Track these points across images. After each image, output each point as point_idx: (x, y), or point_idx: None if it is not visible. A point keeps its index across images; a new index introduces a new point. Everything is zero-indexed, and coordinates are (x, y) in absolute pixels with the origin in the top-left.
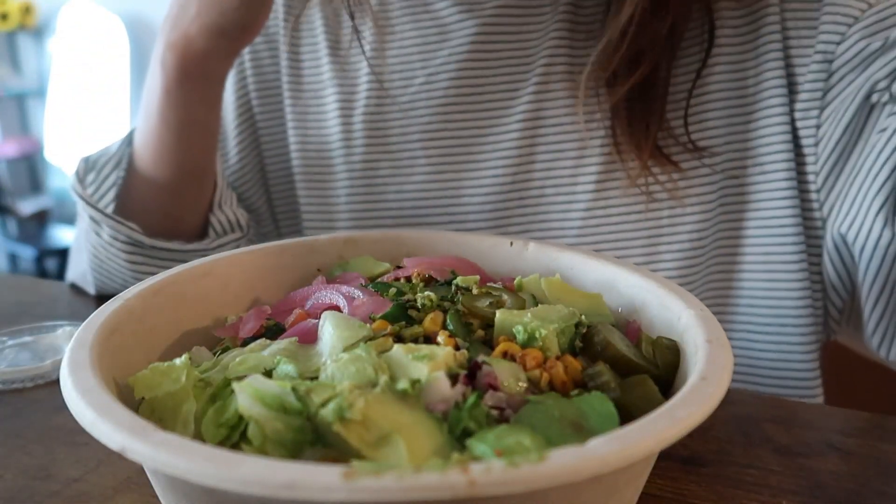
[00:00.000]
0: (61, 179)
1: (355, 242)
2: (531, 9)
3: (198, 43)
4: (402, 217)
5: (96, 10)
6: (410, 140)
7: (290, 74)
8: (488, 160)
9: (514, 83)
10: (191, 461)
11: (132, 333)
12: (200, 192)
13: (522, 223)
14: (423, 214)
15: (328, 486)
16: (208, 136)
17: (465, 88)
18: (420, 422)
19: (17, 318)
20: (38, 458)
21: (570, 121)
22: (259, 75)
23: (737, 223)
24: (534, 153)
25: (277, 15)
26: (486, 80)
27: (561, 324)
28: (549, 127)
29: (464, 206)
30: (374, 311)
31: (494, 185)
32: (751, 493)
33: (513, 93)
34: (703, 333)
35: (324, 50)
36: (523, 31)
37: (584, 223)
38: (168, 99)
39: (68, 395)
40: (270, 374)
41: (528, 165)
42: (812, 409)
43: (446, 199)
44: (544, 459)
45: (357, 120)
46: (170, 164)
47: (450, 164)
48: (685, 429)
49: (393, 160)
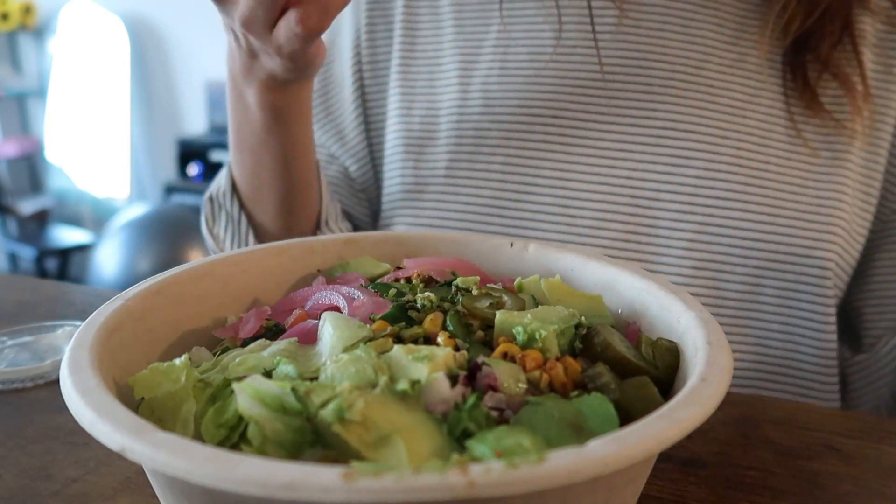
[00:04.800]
0: (61, 179)
1: (355, 243)
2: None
3: (277, 86)
4: (503, 191)
5: (96, 10)
6: (529, 114)
7: (404, 44)
8: (613, 148)
9: (657, 75)
10: (191, 461)
11: (132, 333)
12: (308, 208)
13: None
14: (526, 192)
15: (328, 486)
16: (309, 150)
17: (600, 68)
18: (420, 423)
19: (17, 318)
20: (38, 458)
21: (728, 102)
22: (372, 48)
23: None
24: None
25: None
26: (624, 64)
27: (561, 325)
28: (708, 112)
29: (572, 190)
30: (374, 311)
31: (622, 178)
32: (750, 495)
33: (658, 84)
34: (703, 335)
35: (448, 16)
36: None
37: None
38: (270, 134)
39: (68, 395)
40: (270, 375)
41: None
42: (811, 411)
43: (555, 180)
44: (544, 460)
45: (475, 90)
46: (279, 188)
47: (564, 144)
48: (685, 430)
49: (504, 131)
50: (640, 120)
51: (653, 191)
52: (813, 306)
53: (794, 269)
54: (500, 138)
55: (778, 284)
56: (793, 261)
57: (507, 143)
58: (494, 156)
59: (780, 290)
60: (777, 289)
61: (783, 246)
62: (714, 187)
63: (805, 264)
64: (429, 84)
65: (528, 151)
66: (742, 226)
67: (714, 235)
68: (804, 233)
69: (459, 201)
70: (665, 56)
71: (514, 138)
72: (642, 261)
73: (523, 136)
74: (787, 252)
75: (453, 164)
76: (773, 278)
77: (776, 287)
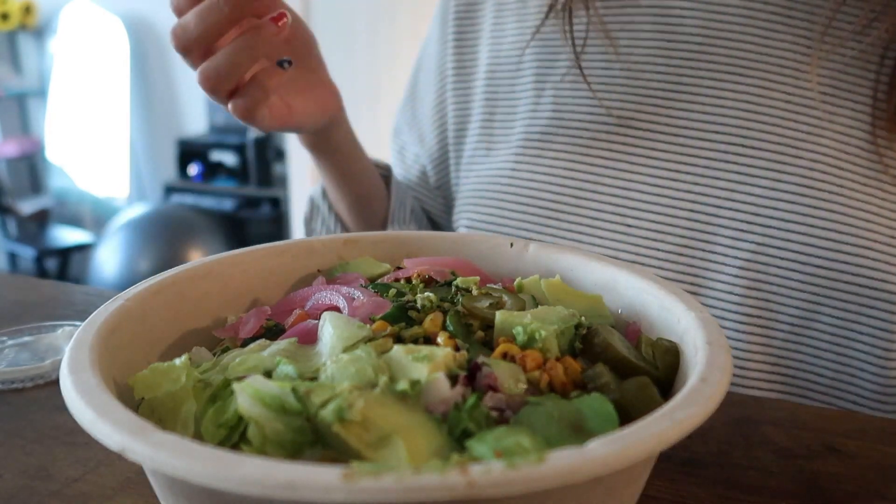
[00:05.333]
0: (61, 179)
1: (355, 243)
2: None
3: (303, 140)
4: (563, 195)
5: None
6: (595, 121)
7: (491, 53)
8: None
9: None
10: (191, 461)
11: (132, 333)
12: (373, 214)
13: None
14: (586, 198)
15: (328, 486)
16: (358, 176)
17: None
18: (420, 423)
19: (17, 318)
20: (38, 458)
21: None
22: (459, 56)
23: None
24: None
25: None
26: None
27: (561, 325)
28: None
29: (632, 200)
30: (374, 311)
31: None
32: (750, 495)
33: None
34: (703, 335)
35: (531, 23)
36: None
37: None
38: (317, 164)
39: (68, 395)
40: (270, 375)
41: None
42: (811, 411)
43: (615, 188)
44: (544, 461)
45: (547, 94)
46: (343, 199)
47: (627, 154)
48: (685, 430)
49: (570, 136)
50: (706, 133)
51: (713, 206)
52: (873, 339)
53: (857, 299)
54: (565, 143)
55: (836, 314)
56: (855, 290)
57: (571, 147)
58: (557, 160)
59: (837, 320)
60: (835, 318)
61: (846, 275)
62: (777, 208)
63: (869, 296)
64: (509, 90)
65: (591, 158)
66: (803, 250)
67: (772, 257)
68: (871, 262)
69: (520, 202)
70: (738, 67)
71: (578, 144)
72: (695, 275)
73: (588, 143)
74: (849, 282)
75: (518, 166)
76: (831, 307)
77: (834, 316)
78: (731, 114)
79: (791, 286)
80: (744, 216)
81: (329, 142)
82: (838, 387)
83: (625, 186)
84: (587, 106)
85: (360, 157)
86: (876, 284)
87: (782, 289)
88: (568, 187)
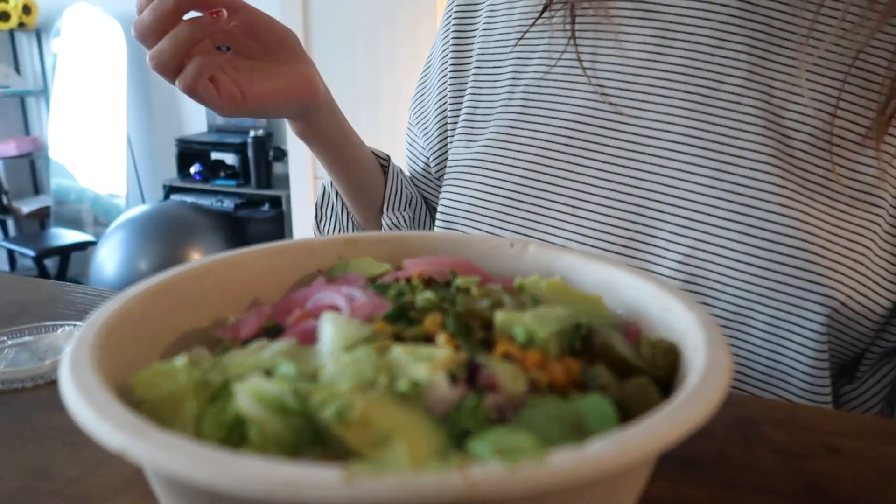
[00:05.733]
0: (61, 179)
1: (355, 243)
2: None
3: (291, 127)
4: (524, 186)
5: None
6: (558, 117)
7: (480, 50)
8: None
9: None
10: (191, 461)
11: (132, 334)
12: (368, 199)
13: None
14: (544, 189)
15: (328, 486)
16: (349, 162)
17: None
18: (420, 423)
19: (17, 318)
20: (37, 458)
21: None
22: (457, 53)
23: None
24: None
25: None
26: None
27: (561, 325)
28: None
29: (583, 193)
30: (374, 311)
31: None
32: (750, 496)
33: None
34: (703, 335)
35: (517, 24)
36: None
37: None
38: (313, 152)
39: (68, 396)
40: (270, 375)
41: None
42: (812, 412)
43: (570, 181)
44: (544, 461)
45: (519, 90)
46: (341, 183)
47: (583, 149)
48: (685, 431)
49: (534, 131)
50: (656, 132)
51: (657, 202)
52: (804, 339)
53: (791, 299)
54: (529, 138)
55: (771, 312)
56: (789, 291)
57: (534, 141)
58: (521, 153)
59: (772, 318)
60: (770, 316)
61: (781, 276)
62: (717, 206)
63: (803, 297)
64: (491, 87)
65: (550, 152)
66: (739, 248)
67: (709, 254)
68: (807, 265)
69: (488, 191)
70: (691, 68)
71: (540, 139)
72: (639, 268)
73: (548, 138)
74: (783, 282)
75: (487, 157)
76: (766, 305)
77: (768, 315)
78: (679, 113)
79: (727, 283)
80: (685, 212)
81: (312, 129)
82: (772, 382)
83: (577, 180)
84: (551, 104)
85: (351, 145)
86: (811, 287)
87: (718, 284)
88: (529, 179)
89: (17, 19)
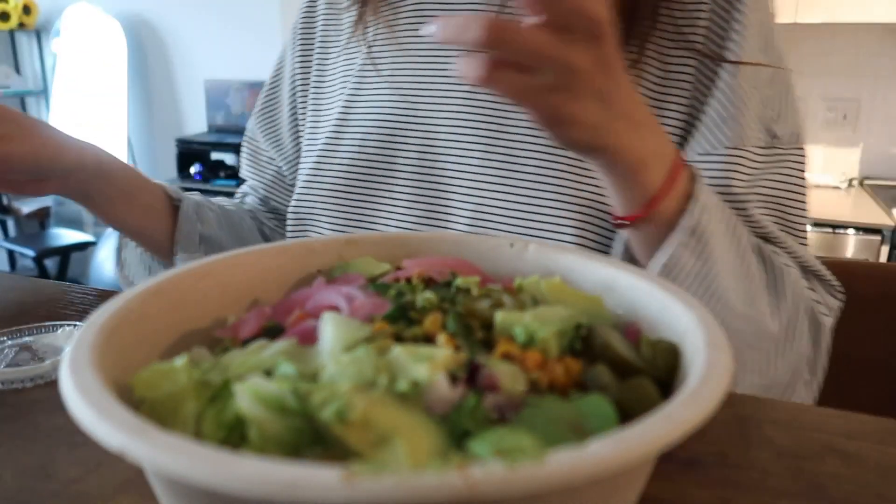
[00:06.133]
0: None
1: (356, 243)
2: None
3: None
4: (363, 178)
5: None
6: (385, 120)
7: (318, 60)
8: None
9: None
10: (191, 461)
11: (132, 334)
12: (154, 240)
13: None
14: (385, 183)
15: (328, 486)
16: (122, 212)
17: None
18: (420, 423)
19: (17, 318)
20: (38, 458)
21: None
22: (303, 66)
23: None
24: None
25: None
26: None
27: (561, 325)
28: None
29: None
30: (375, 311)
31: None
32: (750, 496)
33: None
34: (704, 336)
35: (345, 34)
36: None
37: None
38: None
39: (68, 396)
40: (270, 375)
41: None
42: (812, 412)
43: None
44: (544, 461)
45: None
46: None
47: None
48: (685, 431)
49: (357, 131)
50: (440, 118)
51: (447, 175)
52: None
53: (549, 236)
54: (352, 138)
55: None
56: (546, 227)
57: (355, 142)
58: (349, 150)
59: None
60: None
61: (545, 233)
62: (492, 171)
63: (557, 226)
64: (329, 95)
65: (369, 149)
66: (510, 199)
67: (490, 208)
68: (561, 220)
69: (323, 191)
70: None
71: (360, 138)
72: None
73: (367, 137)
74: (546, 237)
75: (321, 159)
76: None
77: None
78: (457, 100)
79: (505, 231)
80: (468, 181)
81: (89, 196)
82: None
83: (391, 170)
84: (367, 103)
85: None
86: (564, 239)
87: (501, 232)
88: (354, 174)
89: (17, 19)
